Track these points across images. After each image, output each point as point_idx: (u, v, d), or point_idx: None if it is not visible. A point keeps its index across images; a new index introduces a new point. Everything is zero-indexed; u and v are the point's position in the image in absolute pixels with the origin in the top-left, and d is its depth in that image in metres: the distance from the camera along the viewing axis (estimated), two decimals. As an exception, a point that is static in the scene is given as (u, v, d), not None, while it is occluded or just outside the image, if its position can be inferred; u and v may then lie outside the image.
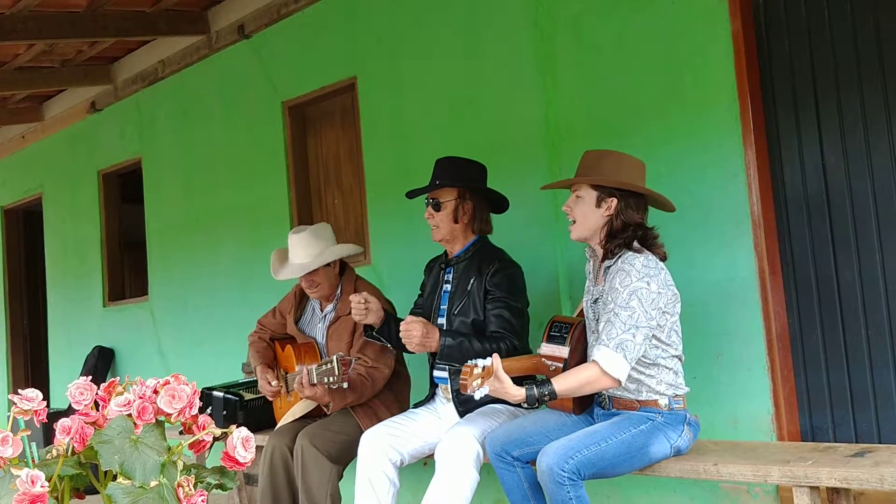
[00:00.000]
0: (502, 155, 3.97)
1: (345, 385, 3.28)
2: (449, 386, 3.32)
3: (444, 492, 2.96)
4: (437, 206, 3.32)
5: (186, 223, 6.09)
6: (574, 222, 2.90)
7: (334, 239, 3.87)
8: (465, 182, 3.34)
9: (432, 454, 3.35)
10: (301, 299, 3.98)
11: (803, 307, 3.23)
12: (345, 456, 3.50)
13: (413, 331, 3.08)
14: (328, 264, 3.74)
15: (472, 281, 3.28)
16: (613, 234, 2.82)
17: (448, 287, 3.39)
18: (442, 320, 3.35)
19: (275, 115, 5.31)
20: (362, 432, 3.38)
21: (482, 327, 3.24)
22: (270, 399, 3.91)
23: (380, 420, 3.46)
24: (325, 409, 3.63)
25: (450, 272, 3.41)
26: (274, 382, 3.77)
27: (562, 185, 3.09)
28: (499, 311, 3.20)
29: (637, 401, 2.78)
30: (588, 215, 2.86)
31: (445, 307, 3.37)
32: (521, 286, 3.30)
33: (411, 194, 3.44)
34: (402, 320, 3.15)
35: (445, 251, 3.51)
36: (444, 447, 3.03)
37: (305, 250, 3.72)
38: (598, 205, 2.84)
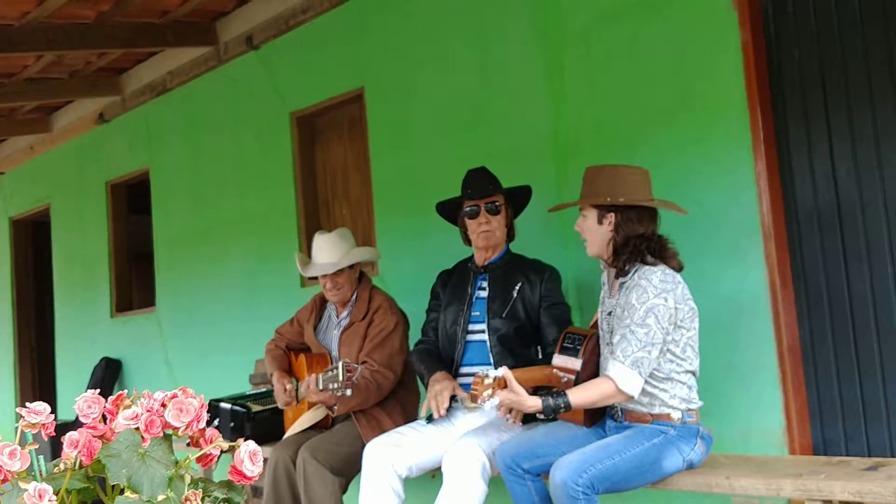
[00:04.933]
0: (511, 165, 3.97)
1: (348, 392, 3.28)
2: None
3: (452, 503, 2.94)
4: (497, 210, 3.38)
5: (194, 234, 6.10)
6: (586, 241, 2.94)
7: (355, 243, 3.91)
8: (507, 188, 3.44)
9: (440, 467, 3.33)
10: (320, 308, 4.00)
11: (815, 319, 3.21)
12: (348, 468, 3.49)
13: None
14: (351, 267, 3.79)
15: (517, 286, 3.33)
16: (617, 249, 2.84)
17: (484, 293, 3.40)
18: (480, 325, 3.35)
19: (282, 125, 5.32)
20: (365, 444, 3.37)
21: (529, 331, 3.31)
22: (282, 407, 3.90)
23: (383, 432, 3.44)
24: (330, 412, 3.63)
25: (484, 278, 3.43)
26: (289, 386, 3.78)
27: (565, 206, 3.14)
28: (559, 317, 3.31)
29: (650, 414, 2.77)
30: (594, 233, 2.90)
31: (482, 313, 3.37)
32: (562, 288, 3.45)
33: (469, 199, 3.40)
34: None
35: (472, 259, 3.49)
36: (451, 458, 3.02)
37: (332, 250, 3.76)
38: (600, 222, 2.88)
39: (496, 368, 3.18)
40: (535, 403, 2.66)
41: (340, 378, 3.24)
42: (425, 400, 3.27)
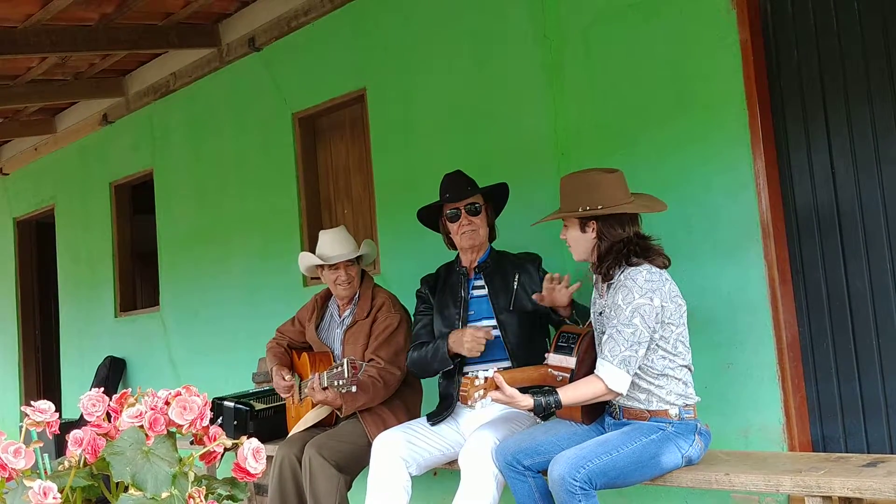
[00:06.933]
0: (511, 165, 3.98)
1: (353, 389, 3.30)
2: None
3: (471, 496, 2.96)
4: (477, 211, 3.41)
5: (197, 234, 6.12)
6: (570, 248, 2.97)
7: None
8: (484, 188, 3.45)
9: (444, 465, 3.35)
10: (322, 307, 4.01)
11: (814, 316, 3.22)
12: (353, 465, 3.51)
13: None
14: (357, 262, 3.85)
15: (516, 278, 3.37)
16: (602, 256, 2.86)
17: (481, 292, 3.42)
18: (489, 322, 3.35)
19: (285, 126, 5.34)
20: (370, 442, 3.39)
21: (535, 318, 3.36)
22: (284, 396, 3.93)
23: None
24: (337, 413, 3.65)
25: (479, 278, 3.44)
26: (287, 377, 3.80)
27: (546, 220, 3.12)
28: None
29: (647, 411, 2.79)
30: (578, 241, 2.92)
31: (477, 311, 3.38)
32: None
33: (449, 203, 3.42)
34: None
35: (458, 262, 3.51)
36: (467, 452, 3.03)
37: (343, 243, 3.81)
38: (583, 230, 2.89)
39: (513, 361, 3.22)
40: (527, 402, 2.68)
41: (346, 375, 3.26)
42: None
